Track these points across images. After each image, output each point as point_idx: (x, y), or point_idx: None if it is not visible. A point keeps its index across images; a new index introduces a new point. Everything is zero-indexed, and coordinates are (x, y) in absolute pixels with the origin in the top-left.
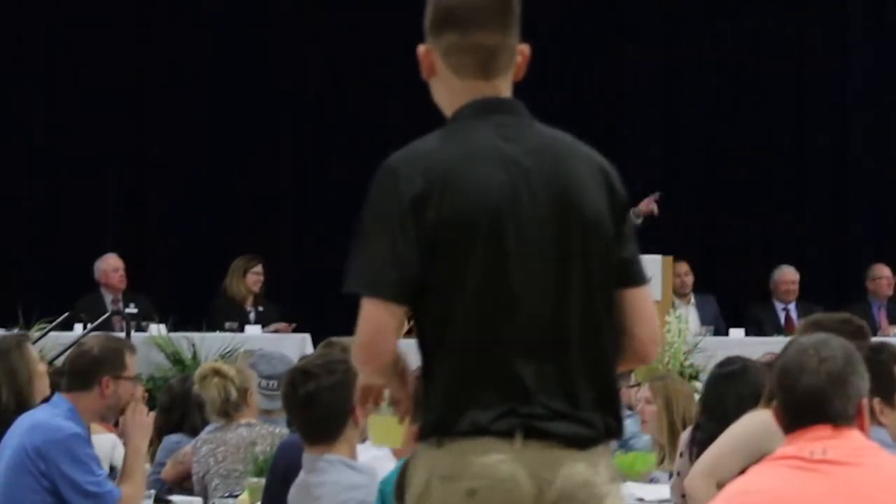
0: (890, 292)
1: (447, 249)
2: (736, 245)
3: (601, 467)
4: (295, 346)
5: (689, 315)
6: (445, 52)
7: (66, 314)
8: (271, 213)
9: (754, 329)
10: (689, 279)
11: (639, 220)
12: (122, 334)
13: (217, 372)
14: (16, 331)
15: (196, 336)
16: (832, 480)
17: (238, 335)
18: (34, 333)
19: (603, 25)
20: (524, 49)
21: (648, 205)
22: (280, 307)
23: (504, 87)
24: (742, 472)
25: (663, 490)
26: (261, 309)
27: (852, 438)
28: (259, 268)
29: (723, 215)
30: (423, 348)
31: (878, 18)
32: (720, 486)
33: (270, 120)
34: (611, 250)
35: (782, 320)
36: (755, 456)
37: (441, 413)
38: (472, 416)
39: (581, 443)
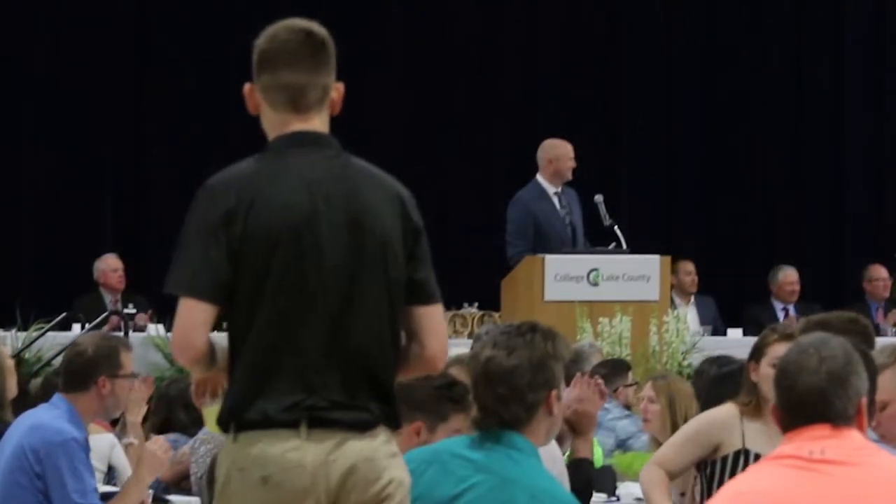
0: (886, 294)
1: (251, 258)
2: (735, 245)
3: (380, 444)
4: None
5: (688, 315)
6: (263, 90)
7: (64, 314)
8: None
9: (752, 329)
10: (695, 279)
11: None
12: (121, 334)
13: None
14: (14, 331)
15: None
16: (830, 480)
17: None
18: (32, 333)
19: (604, 26)
20: (339, 87)
21: None
22: None
23: (316, 121)
24: (696, 464)
25: None
26: None
27: (851, 438)
28: None
29: (722, 216)
30: (230, 344)
31: (876, 19)
32: (672, 476)
33: None
34: (400, 270)
35: (781, 320)
36: (706, 447)
37: (235, 401)
38: (261, 406)
39: (360, 426)
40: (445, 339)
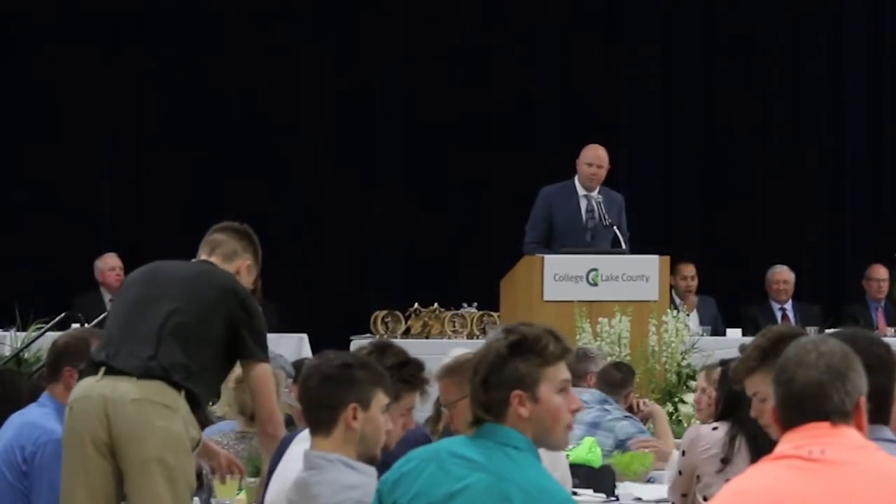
0: (880, 295)
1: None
2: (734, 246)
3: (151, 391)
4: (292, 346)
5: (689, 316)
6: (202, 246)
7: (63, 314)
8: (268, 212)
9: (751, 329)
10: (695, 282)
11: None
12: None
13: None
14: (13, 331)
15: None
16: (829, 479)
17: None
18: (31, 333)
19: (601, 27)
20: (247, 264)
21: None
22: (278, 307)
23: (218, 260)
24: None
25: (660, 490)
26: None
27: (850, 437)
28: None
29: (721, 216)
30: None
31: (875, 19)
32: None
33: (264, 119)
34: (214, 324)
35: (779, 320)
36: None
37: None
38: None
39: (136, 373)
40: (266, 398)
